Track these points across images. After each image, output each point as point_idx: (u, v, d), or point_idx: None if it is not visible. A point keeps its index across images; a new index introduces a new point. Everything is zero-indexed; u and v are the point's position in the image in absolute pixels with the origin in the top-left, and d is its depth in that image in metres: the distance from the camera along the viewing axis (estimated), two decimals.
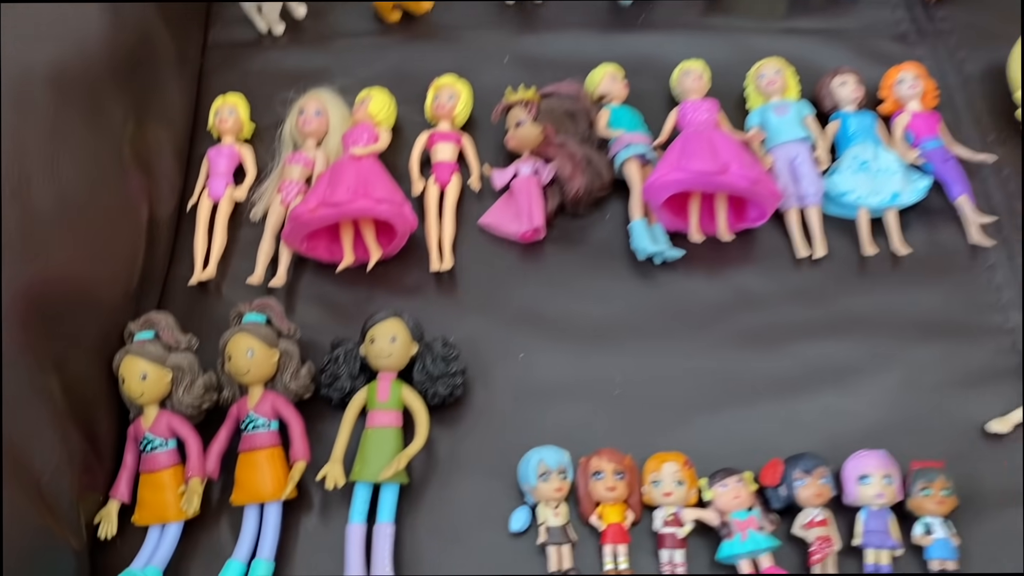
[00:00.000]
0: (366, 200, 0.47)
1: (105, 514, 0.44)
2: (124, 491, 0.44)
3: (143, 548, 0.43)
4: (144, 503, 0.43)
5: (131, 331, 0.46)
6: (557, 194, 0.51)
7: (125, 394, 0.44)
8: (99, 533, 0.43)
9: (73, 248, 0.44)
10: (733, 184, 0.47)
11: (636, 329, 0.49)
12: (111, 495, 0.44)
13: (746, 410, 0.46)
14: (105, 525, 0.43)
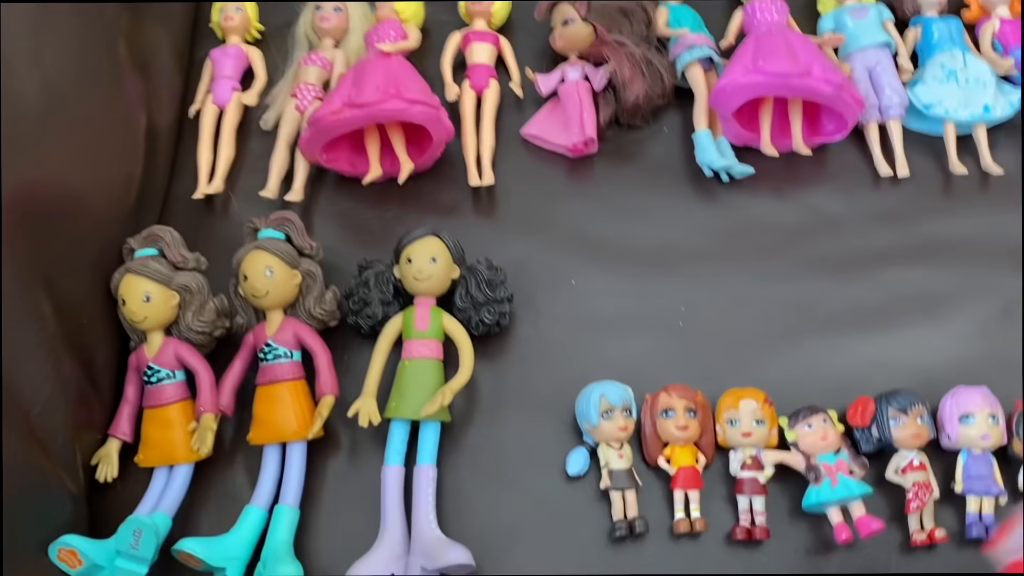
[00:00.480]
0: (398, 100, 0.41)
1: (104, 454, 0.38)
2: (125, 428, 0.39)
3: (148, 492, 0.38)
4: (149, 442, 0.38)
5: (131, 247, 0.40)
6: (611, 102, 0.45)
7: (125, 318, 0.38)
8: (97, 475, 0.38)
9: (63, 151, 0.38)
10: (815, 89, 0.42)
11: (700, 253, 0.44)
12: (110, 433, 0.39)
13: (826, 343, 0.41)
14: (104, 466, 0.38)
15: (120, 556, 0.34)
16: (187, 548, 0.34)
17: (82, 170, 0.39)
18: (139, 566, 0.34)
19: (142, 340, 0.39)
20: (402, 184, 0.44)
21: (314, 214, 0.45)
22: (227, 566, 0.35)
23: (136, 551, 0.34)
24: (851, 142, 0.46)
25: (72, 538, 0.34)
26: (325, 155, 0.44)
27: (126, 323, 0.39)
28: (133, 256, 0.39)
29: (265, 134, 0.48)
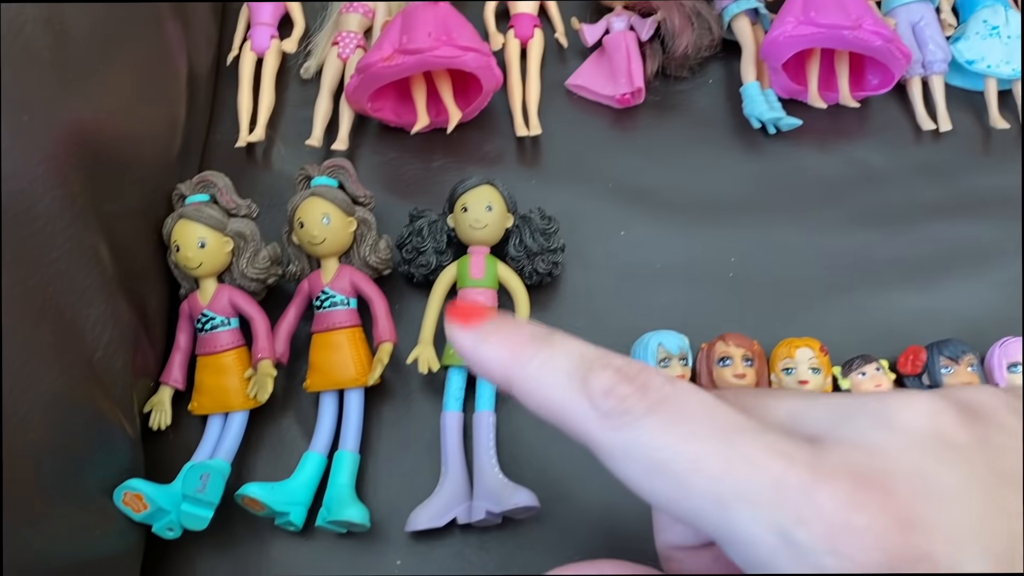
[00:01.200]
0: (450, 47, 0.40)
1: (157, 402, 0.38)
2: (178, 376, 0.38)
3: (204, 440, 0.37)
4: (203, 390, 0.38)
5: (182, 193, 0.39)
6: (657, 52, 0.45)
7: (179, 264, 0.38)
8: (151, 423, 0.38)
9: (114, 93, 0.37)
10: (866, 41, 0.42)
11: (746, 205, 0.44)
12: (163, 381, 0.38)
13: (874, 294, 0.42)
14: (157, 414, 0.38)
15: (186, 500, 0.34)
16: (251, 493, 0.34)
17: (132, 113, 0.38)
18: (205, 510, 0.34)
19: (193, 287, 0.39)
20: (449, 133, 0.44)
21: (357, 164, 0.45)
22: (290, 511, 0.35)
23: (203, 495, 0.34)
24: (892, 97, 0.47)
25: (138, 482, 0.33)
26: (371, 104, 0.43)
27: (177, 270, 0.39)
28: (184, 202, 0.39)
29: (303, 83, 0.47)
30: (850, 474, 0.17)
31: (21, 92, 0.31)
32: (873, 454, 0.18)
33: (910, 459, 0.18)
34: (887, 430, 0.18)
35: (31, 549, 0.28)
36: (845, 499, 0.17)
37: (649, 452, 0.19)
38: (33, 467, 0.29)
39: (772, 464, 0.18)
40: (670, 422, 0.19)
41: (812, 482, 0.17)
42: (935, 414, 0.19)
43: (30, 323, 0.30)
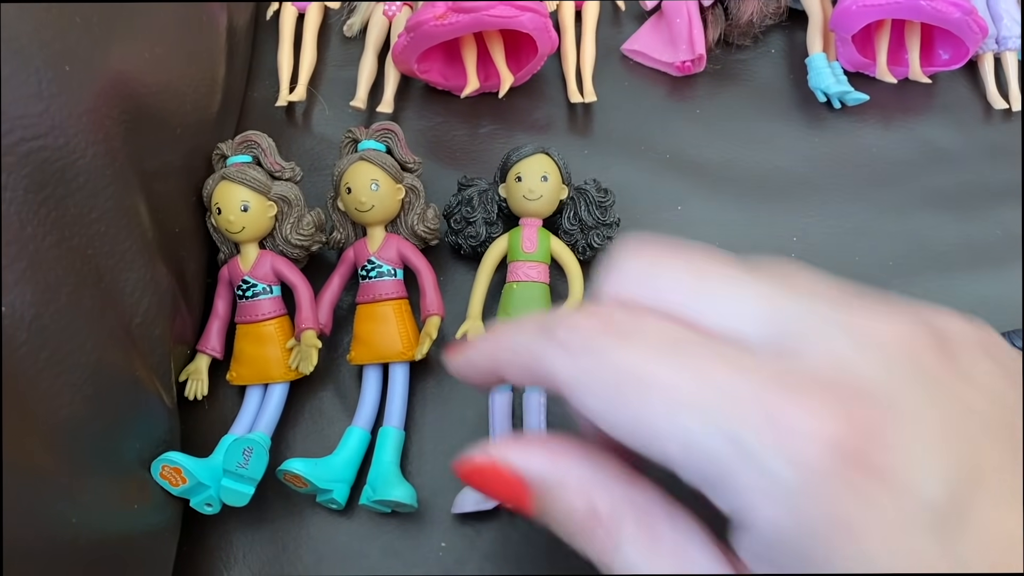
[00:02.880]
0: (507, 7, 0.38)
1: (194, 370, 0.36)
2: (215, 344, 0.37)
3: (242, 412, 0.36)
4: (243, 359, 0.36)
5: (223, 153, 0.37)
6: (720, 19, 0.43)
7: (219, 228, 0.36)
8: (187, 392, 0.36)
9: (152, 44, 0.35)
10: (944, 13, 0.40)
11: (809, 183, 0.42)
12: (200, 348, 0.37)
13: (940, 279, 0.40)
14: (194, 383, 0.36)
15: (227, 476, 0.32)
16: (294, 469, 0.33)
17: (172, 67, 0.36)
18: (247, 486, 0.32)
19: (234, 252, 0.37)
20: (500, 98, 0.42)
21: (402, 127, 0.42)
22: (333, 488, 0.33)
23: (245, 471, 0.32)
24: (960, 74, 0.45)
25: (176, 455, 0.32)
26: (418, 65, 0.41)
27: (217, 234, 0.37)
28: (225, 163, 0.37)
29: (344, 41, 0.45)
30: (814, 383, 0.17)
31: (63, 42, 0.29)
32: (841, 367, 0.17)
33: (878, 376, 0.17)
34: (858, 346, 0.18)
35: (71, 523, 0.27)
36: (804, 406, 0.17)
37: (606, 375, 0.19)
38: (71, 439, 0.28)
39: (723, 375, 0.18)
40: (628, 346, 0.19)
41: (768, 390, 0.17)
42: (911, 338, 0.18)
43: (70, 288, 0.28)
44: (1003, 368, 0.19)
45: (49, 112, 0.28)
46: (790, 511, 0.17)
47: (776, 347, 0.18)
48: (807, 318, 0.19)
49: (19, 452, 0.25)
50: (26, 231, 0.27)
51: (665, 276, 0.21)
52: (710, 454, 0.17)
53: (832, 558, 0.16)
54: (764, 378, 0.17)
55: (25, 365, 0.26)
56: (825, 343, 0.18)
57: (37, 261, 0.27)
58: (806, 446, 0.16)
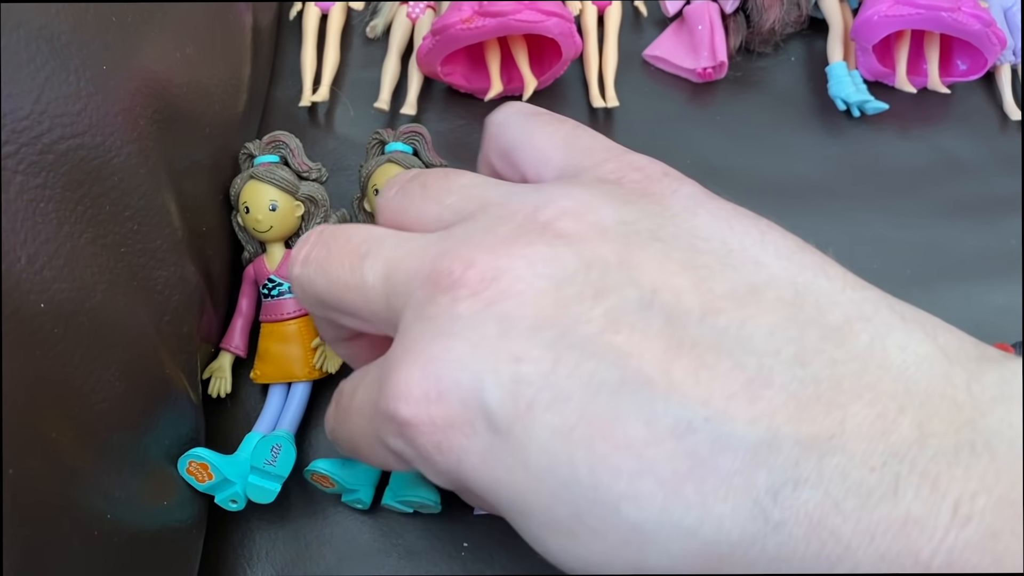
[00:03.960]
0: (533, 11, 0.39)
1: (217, 368, 0.37)
2: (239, 342, 0.37)
3: (265, 410, 0.36)
4: (267, 358, 0.36)
5: (250, 153, 0.37)
6: (741, 26, 0.43)
7: (247, 227, 0.36)
8: (210, 390, 0.36)
9: (181, 43, 0.35)
10: (965, 25, 0.40)
11: (827, 190, 0.42)
12: (223, 347, 0.37)
13: (957, 288, 0.40)
14: (217, 381, 0.36)
15: (254, 472, 0.32)
16: (322, 469, 0.33)
17: (201, 66, 0.36)
18: (274, 483, 0.33)
19: (259, 251, 0.37)
20: (523, 102, 0.42)
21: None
22: (359, 488, 0.34)
23: (273, 468, 0.32)
24: (978, 84, 0.45)
25: (203, 451, 0.32)
26: (442, 68, 0.41)
27: (243, 232, 0.37)
28: (252, 162, 0.37)
29: (367, 42, 0.45)
30: (389, 373, 0.21)
31: (100, 41, 0.29)
32: (405, 349, 0.21)
33: (429, 344, 0.20)
34: (420, 318, 0.21)
35: (105, 519, 0.27)
36: (389, 401, 0.21)
37: (344, 442, 0.28)
38: (106, 436, 0.28)
39: (365, 406, 0.23)
40: (345, 421, 0.26)
41: (377, 399, 0.22)
42: (454, 286, 0.20)
43: (104, 285, 0.29)
44: (567, 240, 0.21)
45: (87, 111, 0.28)
46: (432, 474, 0.21)
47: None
48: (401, 298, 0.22)
49: (58, 449, 0.25)
50: (63, 229, 0.27)
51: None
52: (400, 459, 0.22)
53: (471, 495, 0.23)
54: (375, 387, 0.22)
55: (62, 362, 0.26)
56: (403, 322, 0.22)
57: (73, 259, 0.27)
58: (404, 429, 0.20)
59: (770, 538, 0.16)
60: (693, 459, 0.17)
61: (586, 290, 0.19)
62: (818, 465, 0.16)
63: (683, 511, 0.17)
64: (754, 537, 0.16)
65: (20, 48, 0.26)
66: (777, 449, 0.17)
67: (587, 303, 0.19)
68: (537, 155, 0.25)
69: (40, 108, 0.26)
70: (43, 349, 0.25)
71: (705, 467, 0.17)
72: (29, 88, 0.26)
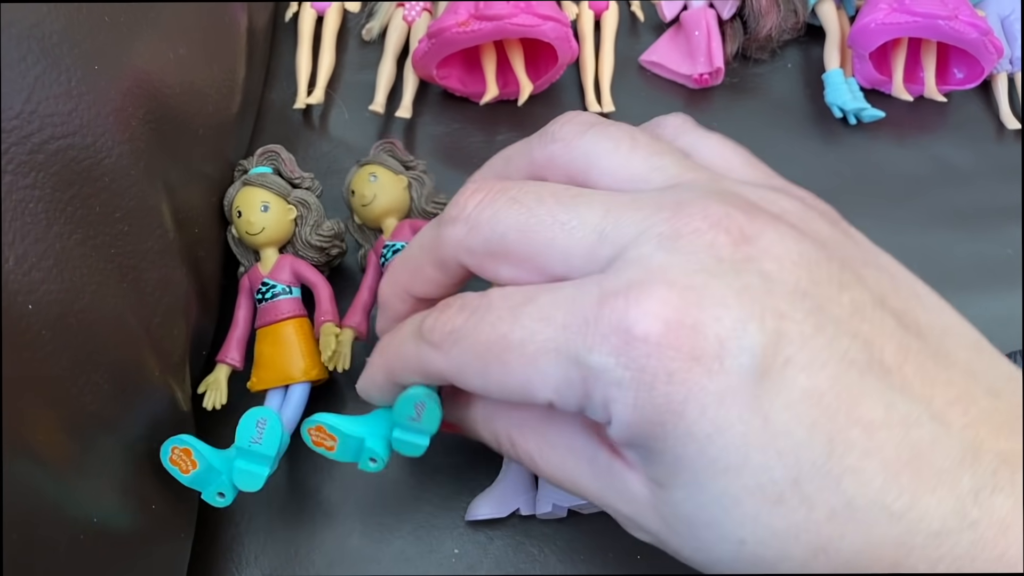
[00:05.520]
0: (529, 15, 0.38)
1: (213, 381, 0.36)
2: (235, 354, 0.36)
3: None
4: (263, 362, 0.35)
5: (244, 168, 0.37)
6: (738, 33, 0.43)
7: (240, 230, 0.36)
8: (206, 402, 0.36)
9: (174, 44, 0.35)
10: (962, 33, 0.40)
11: (823, 197, 0.40)
12: (219, 359, 0.36)
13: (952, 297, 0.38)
14: (213, 393, 0.35)
15: (240, 455, 0.31)
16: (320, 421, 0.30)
17: (194, 67, 0.36)
18: (261, 466, 0.31)
19: (254, 262, 0.37)
20: (520, 106, 0.42)
21: (418, 133, 0.43)
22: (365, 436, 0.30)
23: (258, 446, 0.31)
24: (974, 93, 0.45)
25: (186, 436, 0.31)
26: (438, 71, 0.41)
27: (239, 247, 0.37)
28: (247, 174, 0.37)
29: (362, 45, 0.45)
30: (629, 289, 0.19)
31: (92, 41, 0.29)
32: (652, 272, 0.19)
33: (678, 268, 0.19)
34: (668, 251, 0.20)
35: (92, 522, 0.27)
36: (624, 312, 0.19)
37: (473, 359, 0.21)
38: (94, 440, 0.28)
39: (557, 313, 0.20)
40: (480, 322, 0.21)
41: (594, 309, 0.19)
42: (707, 229, 0.20)
43: (93, 287, 0.28)
44: (803, 233, 0.21)
45: (78, 111, 0.28)
46: (632, 406, 0.19)
47: (602, 264, 0.21)
48: (633, 233, 0.21)
49: (45, 451, 0.25)
50: (53, 229, 0.27)
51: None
52: (572, 385, 0.20)
53: (668, 439, 0.19)
54: (591, 299, 0.20)
55: (50, 364, 0.26)
56: (642, 255, 0.20)
57: (63, 259, 0.27)
58: (632, 347, 0.19)
59: (964, 535, 0.18)
60: (915, 450, 0.18)
61: (833, 276, 0.20)
62: (1011, 477, 0.18)
63: (896, 495, 0.18)
64: (950, 531, 0.18)
65: (11, 47, 0.26)
66: (980, 457, 0.18)
67: (835, 289, 0.20)
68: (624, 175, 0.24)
69: (30, 107, 0.26)
70: (31, 351, 0.25)
71: (923, 459, 0.18)
72: (19, 87, 0.26)
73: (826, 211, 0.24)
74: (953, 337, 0.21)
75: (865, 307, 0.20)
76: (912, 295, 0.22)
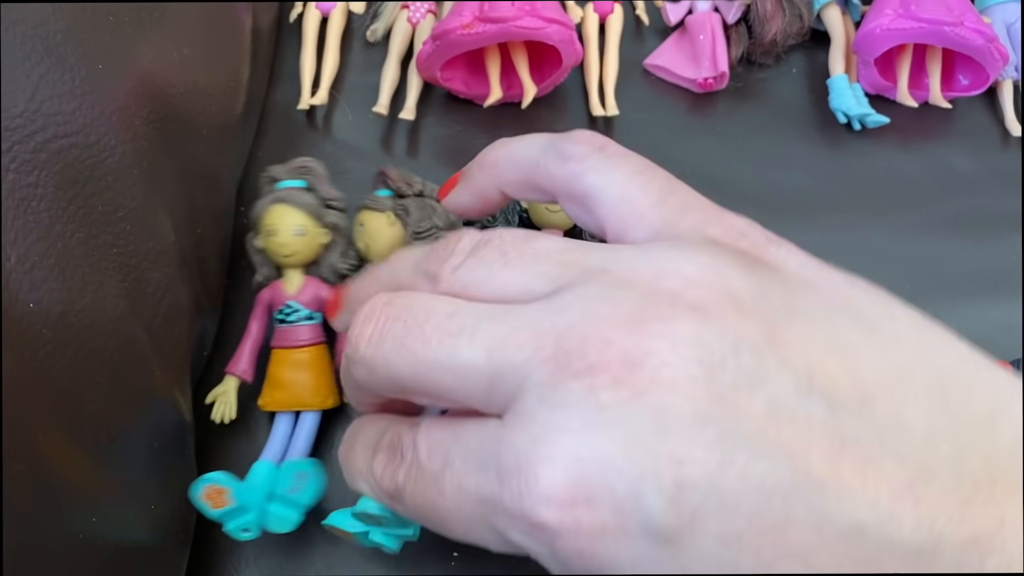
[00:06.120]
0: (534, 18, 0.38)
1: (223, 392, 0.35)
2: (247, 367, 0.36)
3: (272, 438, 0.35)
4: (277, 384, 0.35)
5: (273, 176, 0.37)
6: (743, 37, 0.43)
7: (269, 250, 0.35)
8: (214, 414, 0.35)
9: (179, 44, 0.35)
10: (967, 40, 0.40)
11: (827, 203, 0.42)
12: (229, 371, 0.36)
13: (955, 304, 0.40)
14: (221, 406, 0.35)
15: (275, 500, 0.32)
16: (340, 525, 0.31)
17: (199, 67, 0.36)
18: (294, 512, 0.32)
19: (273, 275, 0.36)
20: (523, 109, 0.42)
21: (421, 134, 0.43)
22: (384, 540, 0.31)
23: (295, 495, 0.31)
24: (979, 100, 0.45)
25: (221, 475, 0.31)
26: (442, 73, 0.41)
27: (259, 256, 0.36)
28: (275, 186, 0.36)
29: (366, 46, 0.45)
30: (519, 467, 0.18)
31: (96, 40, 0.29)
32: (537, 439, 0.18)
33: (569, 440, 0.18)
34: (550, 406, 0.18)
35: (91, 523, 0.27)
36: (519, 500, 0.18)
37: (421, 515, 0.22)
38: (93, 440, 0.28)
39: (470, 482, 0.20)
40: (417, 484, 0.22)
41: (497, 490, 0.19)
42: (589, 373, 0.18)
43: (95, 286, 0.28)
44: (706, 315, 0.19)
45: (81, 110, 0.28)
46: (559, 569, 0.19)
47: (501, 405, 0.20)
48: (513, 379, 0.19)
49: (44, 450, 0.25)
50: (55, 228, 0.27)
51: None
52: (510, 544, 0.20)
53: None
54: (492, 475, 0.19)
55: (50, 363, 0.26)
56: (522, 403, 0.19)
57: (65, 259, 0.27)
58: (538, 532, 0.18)
59: None
60: (859, 563, 0.16)
61: (740, 377, 0.17)
62: (980, 564, 0.16)
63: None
64: None
65: (15, 45, 0.26)
66: (940, 553, 0.16)
67: (744, 393, 0.17)
68: (627, 210, 0.22)
69: (34, 106, 0.26)
70: (32, 349, 0.25)
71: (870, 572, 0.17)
72: (23, 86, 0.26)
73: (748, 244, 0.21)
74: (910, 383, 0.18)
75: (785, 403, 0.17)
76: (856, 331, 0.19)
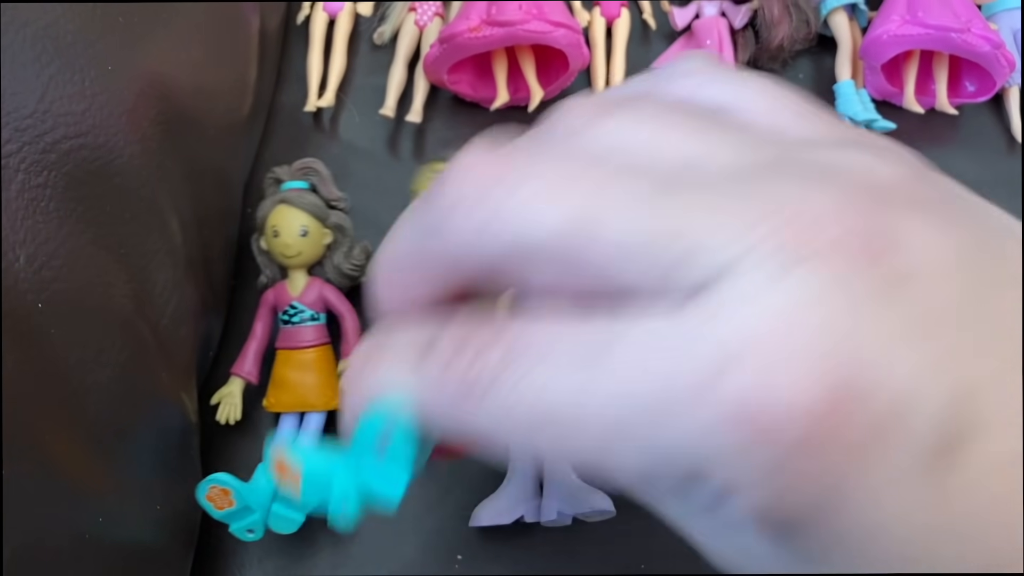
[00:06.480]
0: (541, 22, 0.38)
1: (228, 394, 0.36)
2: (252, 368, 0.36)
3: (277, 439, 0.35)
4: (283, 385, 0.35)
5: (277, 177, 0.37)
6: (750, 42, 0.43)
7: (274, 251, 0.36)
8: (219, 416, 0.36)
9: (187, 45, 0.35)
10: (974, 46, 0.40)
11: None
12: (235, 372, 0.36)
13: None
14: (226, 407, 0.35)
15: (278, 501, 0.31)
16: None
17: (206, 68, 0.36)
18: (298, 514, 0.32)
19: (278, 276, 0.37)
20: (530, 112, 0.42)
21: (428, 137, 0.43)
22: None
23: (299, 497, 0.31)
24: (985, 106, 0.45)
25: (226, 476, 0.31)
26: (448, 76, 0.41)
27: (263, 257, 0.37)
28: (279, 187, 0.37)
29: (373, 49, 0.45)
30: (748, 347, 0.13)
31: (106, 41, 0.29)
32: (778, 320, 0.13)
33: (825, 318, 0.14)
34: (793, 283, 0.14)
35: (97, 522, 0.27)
36: (746, 391, 0.13)
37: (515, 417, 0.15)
38: (99, 440, 0.28)
39: (641, 372, 0.14)
40: (531, 372, 0.15)
41: (699, 378, 0.14)
42: (840, 241, 0.14)
43: (102, 287, 0.28)
44: (945, 233, 0.15)
45: (91, 111, 0.28)
46: (764, 505, 0.14)
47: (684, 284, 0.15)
48: (727, 251, 0.14)
49: (51, 450, 0.25)
50: (63, 229, 0.27)
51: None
52: (666, 472, 0.15)
53: (818, 528, 0.14)
54: (690, 358, 0.14)
55: (57, 363, 0.26)
56: (743, 279, 0.14)
57: (73, 259, 0.27)
58: (767, 440, 0.14)
59: None
60: None
61: (988, 272, 0.14)
62: None
63: None
64: None
65: (25, 46, 0.26)
66: None
67: (998, 291, 0.14)
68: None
69: (44, 107, 0.26)
70: (39, 349, 0.25)
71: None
72: (33, 86, 0.26)
73: (910, 158, 0.18)
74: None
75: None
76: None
